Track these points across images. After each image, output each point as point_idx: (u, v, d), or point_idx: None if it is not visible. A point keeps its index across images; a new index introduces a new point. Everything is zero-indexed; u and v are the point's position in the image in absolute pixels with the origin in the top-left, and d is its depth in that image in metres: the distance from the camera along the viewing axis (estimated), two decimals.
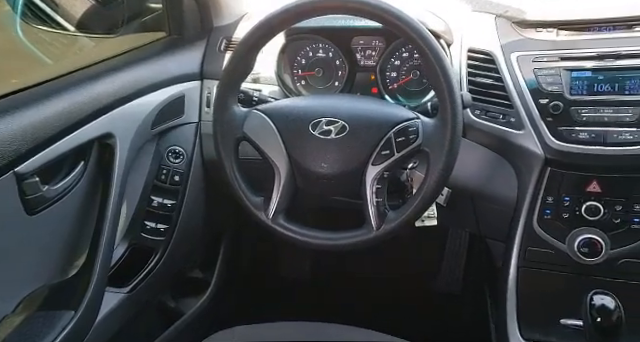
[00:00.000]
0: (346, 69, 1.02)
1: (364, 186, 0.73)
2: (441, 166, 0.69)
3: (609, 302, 0.67)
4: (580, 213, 0.81)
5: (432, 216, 0.94)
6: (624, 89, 0.78)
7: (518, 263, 0.87)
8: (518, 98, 0.84)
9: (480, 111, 0.89)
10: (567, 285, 0.79)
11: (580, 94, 0.80)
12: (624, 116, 0.77)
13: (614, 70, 0.79)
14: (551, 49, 0.83)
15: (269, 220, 0.76)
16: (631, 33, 0.80)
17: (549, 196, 0.84)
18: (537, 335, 0.83)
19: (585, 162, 0.80)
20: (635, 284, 0.79)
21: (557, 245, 0.83)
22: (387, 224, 0.73)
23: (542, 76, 0.82)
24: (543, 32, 0.86)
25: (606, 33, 0.82)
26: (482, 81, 0.88)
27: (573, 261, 0.81)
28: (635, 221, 0.79)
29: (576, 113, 0.80)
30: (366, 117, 0.75)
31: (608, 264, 0.79)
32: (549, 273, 0.85)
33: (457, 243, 1.48)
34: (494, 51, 0.87)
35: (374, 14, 0.69)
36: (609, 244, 0.79)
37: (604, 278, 0.80)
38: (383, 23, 0.71)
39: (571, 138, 0.80)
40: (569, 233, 0.82)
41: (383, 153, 0.73)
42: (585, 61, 0.80)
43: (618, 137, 0.77)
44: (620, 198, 0.80)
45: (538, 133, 0.82)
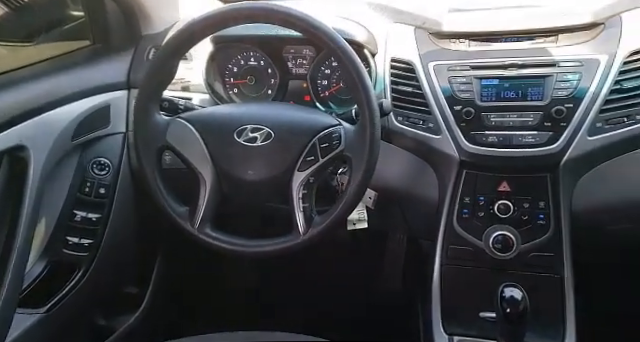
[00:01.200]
0: (277, 77, 1.04)
1: (291, 192, 0.75)
2: (362, 170, 0.72)
3: (517, 293, 0.71)
4: (493, 211, 0.87)
5: (363, 219, 0.98)
6: (527, 96, 0.84)
7: (441, 261, 0.91)
8: (435, 105, 0.89)
9: (403, 118, 0.93)
10: (485, 280, 0.84)
11: (489, 100, 0.86)
12: (527, 120, 0.83)
13: (518, 78, 0.85)
14: (463, 59, 0.89)
15: (195, 230, 0.76)
16: (532, 44, 0.87)
17: (466, 196, 0.90)
18: (459, 329, 0.87)
19: (495, 163, 0.86)
20: (541, 276, 0.85)
21: (475, 242, 0.89)
22: (314, 228, 0.75)
23: (456, 84, 0.88)
24: (457, 43, 0.92)
25: (511, 44, 0.89)
26: (403, 89, 0.92)
27: (489, 257, 0.86)
28: (540, 217, 0.85)
29: (486, 118, 0.86)
30: (291, 124, 0.77)
31: (519, 258, 0.85)
32: (469, 269, 0.90)
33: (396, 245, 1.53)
34: (414, 61, 0.92)
35: (294, 24, 0.71)
36: (520, 239, 0.85)
37: (516, 271, 0.86)
38: (303, 33, 0.73)
39: (482, 141, 0.86)
40: (485, 230, 0.88)
41: (308, 159, 0.75)
42: (493, 70, 0.86)
43: (522, 140, 0.83)
44: (527, 196, 0.86)
45: (454, 137, 0.88)
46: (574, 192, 0.86)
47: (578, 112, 0.80)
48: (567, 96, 0.81)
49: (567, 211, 0.85)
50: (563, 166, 0.83)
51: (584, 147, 0.81)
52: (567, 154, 0.82)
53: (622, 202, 0.86)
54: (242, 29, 0.90)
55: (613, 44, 0.81)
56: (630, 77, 0.80)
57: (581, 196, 0.86)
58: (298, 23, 0.71)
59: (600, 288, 1.10)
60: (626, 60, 0.80)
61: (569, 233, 0.85)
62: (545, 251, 0.85)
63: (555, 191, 0.84)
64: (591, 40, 0.84)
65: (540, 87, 0.83)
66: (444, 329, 0.88)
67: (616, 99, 0.80)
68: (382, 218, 1.04)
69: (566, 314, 0.83)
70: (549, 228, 0.85)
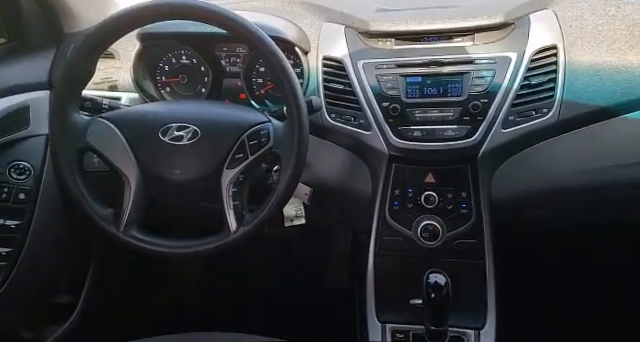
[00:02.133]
0: (210, 75, 1.03)
1: (220, 190, 0.75)
2: (291, 167, 0.73)
3: (441, 279, 0.75)
4: (421, 202, 0.91)
5: (300, 215, 0.99)
6: (447, 92, 0.89)
7: (375, 252, 0.95)
8: (365, 102, 0.92)
9: (336, 114, 0.95)
10: (414, 268, 0.88)
11: (414, 97, 0.90)
12: (448, 115, 0.88)
13: (439, 76, 0.89)
14: (389, 57, 0.93)
15: (120, 233, 0.74)
16: (451, 43, 0.92)
17: (396, 189, 0.94)
18: (392, 317, 0.91)
19: (421, 157, 0.91)
20: (464, 261, 0.91)
21: (405, 232, 0.93)
22: (245, 226, 0.75)
23: (383, 82, 0.91)
24: (383, 42, 0.95)
25: (432, 43, 0.93)
26: (335, 87, 0.95)
27: (418, 246, 0.91)
28: (463, 206, 0.91)
29: (411, 114, 0.90)
30: (218, 122, 0.76)
31: (445, 246, 0.90)
32: (401, 258, 0.94)
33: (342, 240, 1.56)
34: (344, 59, 0.94)
35: (217, 21, 0.71)
36: (445, 228, 0.90)
37: (443, 258, 0.91)
38: (227, 30, 0.73)
39: (408, 136, 0.90)
40: (414, 221, 0.92)
41: (237, 156, 0.75)
42: (416, 68, 0.91)
43: (444, 133, 0.88)
44: (450, 187, 0.91)
45: (383, 133, 0.91)
46: (492, 181, 0.92)
47: (492, 106, 0.86)
48: (482, 92, 0.86)
49: (486, 200, 0.91)
50: (481, 157, 0.88)
51: (499, 139, 0.87)
52: (484, 146, 0.87)
53: (534, 189, 0.92)
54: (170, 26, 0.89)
55: (522, 43, 0.87)
56: (537, 73, 0.86)
57: (499, 185, 0.92)
58: (220, 20, 0.71)
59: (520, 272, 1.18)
60: (533, 58, 0.86)
61: (489, 220, 0.90)
62: (468, 238, 0.91)
63: (475, 181, 0.90)
64: (503, 39, 0.90)
65: (459, 84, 0.88)
66: (377, 317, 0.91)
67: (525, 94, 0.86)
68: (320, 213, 1.06)
69: (487, 297, 0.89)
70: (471, 216, 0.90)
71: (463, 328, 0.88)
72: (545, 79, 0.86)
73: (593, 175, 0.88)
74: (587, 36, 0.87)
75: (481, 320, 0.88)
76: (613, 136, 0.86)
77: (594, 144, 0.87)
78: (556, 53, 0.86)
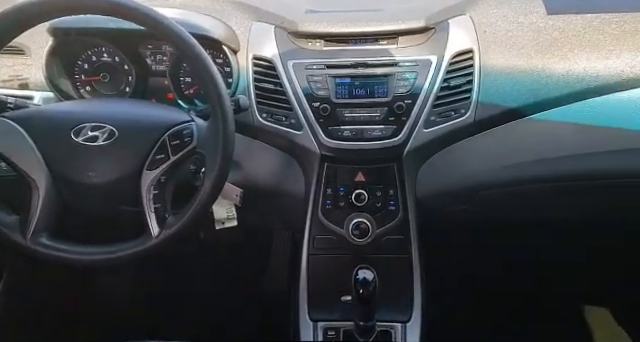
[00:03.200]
0: (134, 74, 0.99)
1: (140, 193, 0.72)
2: (216, 167, 0.72)
3: (369, 275, 0.78)
4: (352, 201, 0.93)
5: (232, 217, 0.98)
6: (374, 93, 0.92)
7: (309, 251, 0.96)
8: (296, 102, 0.92)
9: (267, 114, 0.95)
10: (346, 265, 0.89)
11: (343, 97, 0.92)
12: (375, 115, 0.91)
13: (366, 77, 0.92)
14: (319, 58, 0.94)
15: (27, 241, 0.69)
16: (377, 46, 0.95)
17: (328, 188, 0.96)
18: (323, 315, 0.93)
19: (350, 156, 0.93)
20: (393, 257, 0.94)
21: (337, 231, 0.95)
22: (167, 230, 0.73)
23: (313, 82, 0.92)
24: (313, 42, 0.96)
25: (360, 45, 0.96)
26: (266, 86, 0.95)
27: (349, 243, 0.93)
28: (391, 204, 0.94)
29: (341, 114, 0.92)
30: (137, 121, 0.74)
31: (375, 242, 0.93)
32: (333, 257, 0.95)
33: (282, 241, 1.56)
34: (274, 59, 0.95)
35: (134, 17, 0.68)
36: (375, 225, 0.92)
37: (372, 255, 0.93)
38: (146, 26, 0.70)
39: (338, 136, 0.92)
40: (345, 219, 0.94)
41: (158, 157, 0.73)
42: (344, 69, 0.93)
43: (371, 133, 0.91)
44: (379, 185, 0.94)
45: (314, 133, 0.92)
46: (417, 179, 0.96)
47: (415, 107, 0.90)
48: (406, 93, 0.90)
49: (412, 196, 0.95)
50: (406, 156, 0.92)
51: (422, 138, 0.91)
52: (408, 145, 0.91)
53: (455, 186, 0.97)
54: (86, 21, 0.84)
55: (441, 46, 0.92)
56: (455, 76, 0.91)
57: (424, 182, 0.97)
58: (134, 15, 0.68)
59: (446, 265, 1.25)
60: (452, 61, 0.91)
61: (415, 216, 0.95)
62: (396, 234, 0.94)
63: (401, 179, 0.94)
64: (424, 43, 0.94)
65: (384, 85, 0.91)
66: (309, 316, 0.92)
67: (445, 95, 0.91)
68: (253, 215, 1.06)
69: (413, 291, 0.93)
70: (399, 213, 0.94)
71: (390, 322, 0.91)
72: (463, 81, 0.91)
73: (507, 171, 0.95)
74: (499, 41, 0.93)
75: (407, 313, 0.92)
76: (523, 135, 0.93)
77: (507, 142, 0.93)
78: (472, 57, 0.92)
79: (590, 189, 0.95)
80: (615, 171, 0.91)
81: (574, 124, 0.91)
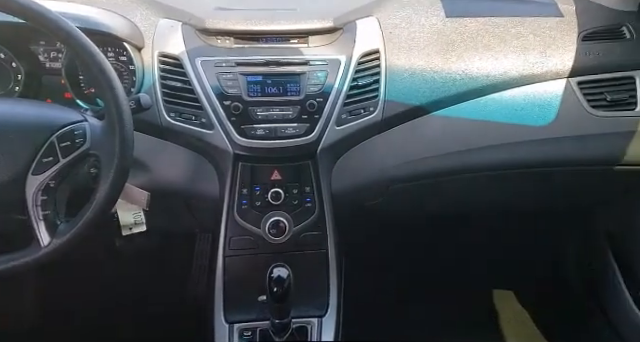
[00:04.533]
0: (23, 72, 0.90)
1: (25, 199, 0.66)
2: (113, 170, 0.68)
3: (283, 273, 0.78)
4: (268, 199, 0.93)
5: (140, 222, 0.92)
6: (286, 91, 0.92)
7: (224, 253, 0.94)
8: (206, 100, 0.90)
9: (175, 113, 0.92)
10: (263, 265, 0.88)
11: (255, 96, 0.91)
12: (288, 114, 0.91)
13: (278, 75, 0.92)
14: (229, 56, 0.92)
15: None
16: (288, 45, 0.95)
17: (244, 188, 0.94)
18: (240, 316, 0.91)
19: (265, 154, 0.92)
20: (310, 253, 0.95)
21: (254, 231, 0.93)
22: (58, 238, 0.67)
23: (224, 80, 0.90)
24: (222, 40, 0.94)
25: (271, 43, 0.95)
26: (173, 84, 0.91)
27: (267, 242, 0.92)
28: (307, 201, 0.95)
29: (253, 112, 0.91)
30: (21, 122, 0.67)
31: (293, 240, 0.93)
32: (251, 257, 0.94)
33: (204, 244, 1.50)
34: (181, 56, 0.91)
35: (12, 9, 0.62)
36: (292, 223, 0.93)
37: (289, 252, 0.94)
38: (24, 19, 0.64)
39: (252, 134, 0.90)
40: (262, 218, 0.93)
41: (45, 160, 0.67)
42: (256, 67, 0.92)
43: (285, 131, 0.91)
44: (295, 183, 0.94)
45: (226, 132, 0.90)
46: (333, 175, 0.98)
47: (327, 105, 0.91)
48: (318, 91, 0.91)
49: (328, 193, 0.96)
50: (320, 153, 0.93)
51: (334, 136, 0.93)
52: (322, 142, 0.92)
53: (369, 181, 1.01)
54: None
55: (350, 46, 0.94)
56: (363, 75, 0.94)
57: (339, 178, 0.99)
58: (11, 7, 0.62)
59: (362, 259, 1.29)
60: (360, 61, 0.93)
61: (331, 212, 0.96)
62: (313, 230, 0.95)
63: (316, 176, 0.95)
64: (334, 42, 0.96)
65: (297, 83, 0.92)
66: (225, 319, 0.90)
67: (355, 94, 0.93)
68: (165, 219, 1.01)
69: (330, 285, 0.94)
70: (315, 209, 0.95)
71: (307, 317, 0.91)
72: (371, 80, 0.94)
73: (414, 165, 1.00)
74: (403, 42, 0.98)
75: (324, 308, 0.93)
76: (427, 131, 0.98)
77: (413, 138, 0.98)
78: (379, 57, 0.95)
79: (490, 180, 1.03)
80: (509, 162, 1.00)
81: (470, 120, 0.98)
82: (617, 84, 0.99)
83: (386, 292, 1.39)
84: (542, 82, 0.98)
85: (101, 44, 0.89)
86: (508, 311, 1.44)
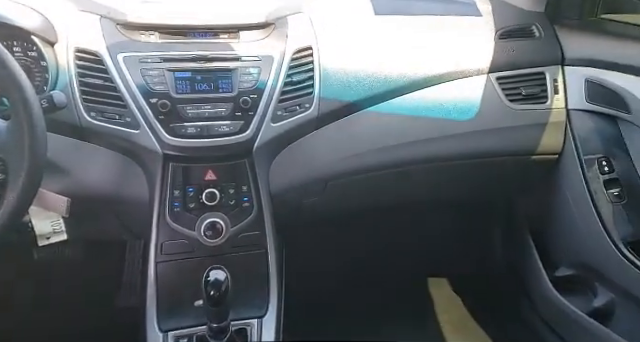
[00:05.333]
0: None
1: None
2: (23, 175, 0.61)
3: (220, 275, 0.75)
4: (203, 201, 0.89)
5: (59, 231, 0.85)
6: (218, 88, 0.89)
7: (156, 259, 0.88)
8: (130, 98, 0.85)
9: (96, 113, 0.85)
10: (200, 269, 0.84)
11: (184, 93, 0.87)
12: (220, 111, 0.88)
13: (209, 71, 0.88)
14: (154, 51, 0.87)
15: None
16: (218, 40, 0.92)
17: (176, 190, 0.89)
18: (175, 323, 0.86)
19: (198, 154, 0.89)
20: (249, 253, 0.92)
21: (189, 234, 0.89)
22: None
23: (149, 76, 0.85)
24: (146, 35, 0.90)
25: (199, 38, 0.92)
26: (93, 82, 0.85)
27: (202, 245, 0.88)
28: (245, 200, 0.92)
29: (183, 110, 0.86)
30: None
31: (230, 241, 0.90)
32: (186, 262, 0.90)
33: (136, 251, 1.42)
34: (101, 52, 0.85)
35: None
36: (229, 223, 0.90)
37: (228, 254, 0.90)
38: None
39: (182, 133, 0.86)
40: (197, 220, 0.89)
41: None
42: (184, 63, 0.88)
43: (218, 129, 0.88)
44: (231, 182, 0.91)
45: (154, 131, 0.86)
46: (270, 173, 0.96)
47: (262, 102, 0.90)
48: (251, 88, 0.89)
49: (266, 191, 0.94)
50: (256, 151, 0.91)
51: (270, 133, 0.91)
52: (257, 140, 0.90)
53: (307, 178, 1.00)
54: None
55: (282, 42, 0.93)
56: (297, 71, 0.93)
57: (277, 176, 0.97)
58: None
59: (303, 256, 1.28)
60: (293, 57, 0.93)
61: (270, 211, 0.94)
62: (252, 230, 0.92)
63: (253, 174, 0.92)
64: (266, 38, 0.94)
65: (229, 79, 0.89)
66: (159, 327, 0.85)
67: (289, 90, 0.92)
68: (88, 226, 0.94)
69: (270, 285, 0.92)
70: (253, 209, 0.93)
71: (247, 319, 0.89)
72: (305, 77, 0.94)
73: (351, 161, 1.01)
74: (335, 39, 0.98)
75: (264, 308, 0.91)
76: (362, 126, 1.00)
77: (349, 134, 1.00)
78: (312, 53, 0.95)
79: (421, 172, 1.07)
80: (437, 155, 1.05)
81: (402, 116, 1.01)
82: (530, 79, 1.07)
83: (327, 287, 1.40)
84: (465, 78, 1.04)
85: (5, 38, 0.81)
86: (443, 297, 1.51)
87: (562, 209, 1.14)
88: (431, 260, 1.52)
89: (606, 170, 1.06)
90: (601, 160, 1.07)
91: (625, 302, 1.05)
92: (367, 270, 1.48)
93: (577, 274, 1.16)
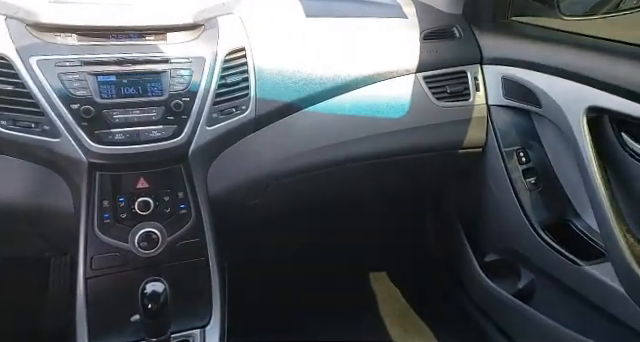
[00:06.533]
0: None
1: None
2: None
3: (158, 287, 0.71)
4: (135, 210, 0.84)
5: None
6: (147, 91, 0.84)
7: (86, 275, 0.83)
8: (48, 105, 0.78)
9: (8, 121, 0.78)
10: (135, 282, 0.79)
11: (110, 97, 0.82)
12: (151, 115, 0.84)
13: (135, 74, 0.84)
14: (73, 54, 0.82)
15: None
16: (143, 41, 0.88)
17: (105, 200, 0.84)
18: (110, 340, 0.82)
19: (127, 161, 0.84)
20: (188, 262, 0.89)
21: (122, 246, 0.84)
22: None
23: (68, 81, 0.79)
24: (62, 36, 0.83)
25: (123, 40, 0.87)
26: (2, 88, 0.77)
27: (137, 257, 0.84)
28: (181, 207, 0.88)
29: (109, 116, 0.81)
30: None
31: (168, 251, 0.86)
32: (119, 275, 0.84)
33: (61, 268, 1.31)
34: (9, 55, 0.78)
35: None
36: (165, 233, 0.86)
37: (165, 264, 0.86)
38: None
39: (109, 140, 0.81)
40: (130, 231, 0.84)
41: None
42: (107, 66, 0.83)
43: (149, 135, 0.83)
44: (166, 189, 0.87)
45: (76, 139, 0.80)
46: (209, 178, 0.93)
47: (195, 105, 0.87)
48: (183, 90, 0.86)
49: (204, 196, 0.91)
50: (191, 156, 0.88)
51: (206, 136, 0.89)
52: (193, 144, 0.87)
53: (248, 181, 0.99)
54: None
55: (214, 44, 0.91)
56: (231, 73, 0.91)
57: (216, 181, 0.94)
58: None
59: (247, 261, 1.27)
60: (226, 58, 0.91)
61: (209, 217, 0.91)
62: (190, 238, 0.89)
63: (190, 180, 0.89)
64: (196, 39, 0.91)
65: (158, 82, 0.85)
66: None
67: (224, 92, 0.90)
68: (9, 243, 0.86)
69: (212, 293, 0.89)
70: (191, 216, 0.89)
71: (189, 330, 0.86)
72: (239, 78, 0.92)
73: (291, 161, 1.01)
74: (268, 40, 0.98)
75: (206, 317, 0.88)
76: (300, 127, 1.00)
77: (288, 135, 0.99)
78: (245, 54, 0.93)
79: (358, 170, 1.09)
80: (373, 153, 1.08)
81: (338, 115, 1.03)
82: (454, 78, 1.14)
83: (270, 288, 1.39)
84: (396, 78, 1.08)
85: None
86: (383, 291, 1.56)
87: (487, 199, 1.22)
88: (370, 255, 1.56)
89: (524, 160, 1.15)
90: (519, 151, 1.16)
91: (543, 281, 1.14)
92: (309, 268, 1.49)
93: (503, 258, 1.25)
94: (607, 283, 0.93)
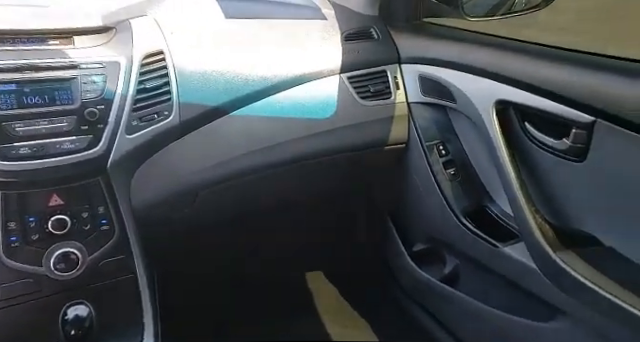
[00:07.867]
0: None
1: None
2: None
3: (82, 311, 0.67)
4: (49, 230, 0.77)
5: None
6: (55, 100, 0.78)
7: None
8: None
9: None
10: (54, 308, 0.74)
11: (10, 108, 0.74)
12: (61, 126, 0.78)
13: (40, 82, 0.77)
14: None
15: None
16: (47, 46, 0.81)
17: (11, 222, 0.76)
18: None
19: (35, 178, 0.76)
20: (115, 281, 0.83)
21: (34, 270, 0.77)
22: None
23: None
24: None
25: (23, 45, 0.79)
26: None
27: (54, 281, 0.77)
28: (102, 223, 0.83)
29: (10, 128, 0.74)
30: None
31: (89, 271, 0.80)
32: (34, 304, 0.77)
33: None
34: None
35: None
36: (86, 252, 0.80)
37: (89, 286, 0.80)
38: None
39: (12, 155, 0.74)
40: (44, 254, 0.77)
41: None
42: (5, 73, 0.75)
43: (60, 147, 0.77)
44: (84, 205, 0.81)
45: None
46: (132, 190, 0.88)
47: (112, 113, 0.81)
48: (97, 98, 0.80)
49: (128, 210, 0.86)
50: (111, 167, 0.82)
51: (126, 146, 0.83)
52: (112, 155, 0.82)
53: (174, 191, 0.94)
54: None
55: (128, 47, 0.85)
56: (150, 77, 0.86)
57: (140, 192, 0.89)
58: None
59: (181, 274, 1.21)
60: (143, 62, 0.86)
61: (135, 231, 0.86)
62: (115, 255, 0.83)
63: (111, 193, 0.83)
64: (108, 42, 0.85)
65: (67, 90, 0.78)
66: None
67: (144, 98, 0.85)
68: None
69: (143, 310, 0.85)
70: (114, 232, 0.84)
71: None
72: (160, 83, 0.88)
73: (221, 168, 0.98)
74: (188, 43, 0.94)
75: (139, 335, 0.83)
76: (228, 132, 0.97)
77: (215, 140, 0.96)
78: (164, 58, 0.89)
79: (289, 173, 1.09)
80: (302, 155, 1.08)
81: (266, 118, 1.01)
82: (375, 77, 1.17)
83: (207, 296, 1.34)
84: (322, 78, 1.09)
85: None
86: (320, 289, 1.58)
87: (413, 191, 1.28)
88: (307, 255, 1.57)
89: (443, 153, 1.21)
90: (439, 145, 1.22)
91: (467, 265, 1.22)
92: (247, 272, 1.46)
93: (430, 247, 1.32)
94: (522, 261, 1.00)
